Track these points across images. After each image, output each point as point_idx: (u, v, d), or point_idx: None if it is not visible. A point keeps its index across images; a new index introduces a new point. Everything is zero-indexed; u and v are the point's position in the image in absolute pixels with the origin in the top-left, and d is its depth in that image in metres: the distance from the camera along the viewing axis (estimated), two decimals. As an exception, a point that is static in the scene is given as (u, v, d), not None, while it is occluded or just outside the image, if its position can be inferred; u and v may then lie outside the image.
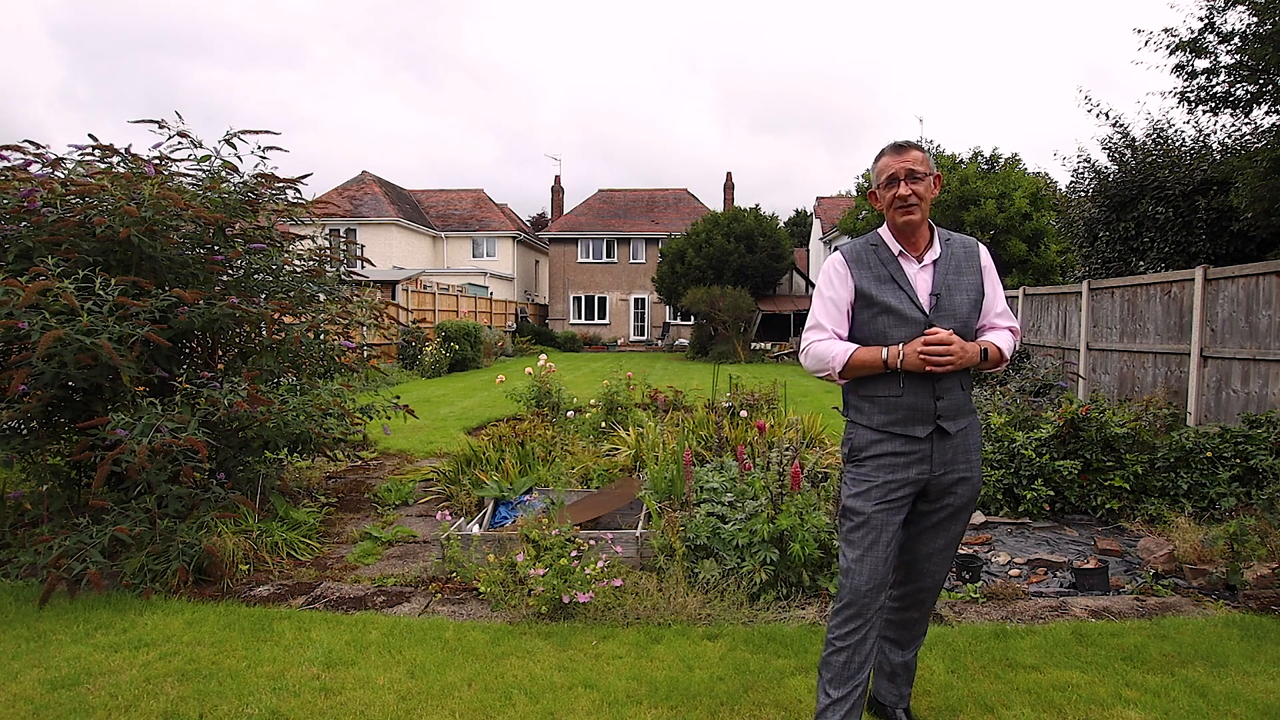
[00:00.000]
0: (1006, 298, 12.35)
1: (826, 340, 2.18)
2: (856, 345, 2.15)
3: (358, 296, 5.91)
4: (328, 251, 5.71)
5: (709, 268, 24.05)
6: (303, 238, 5.37)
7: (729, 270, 24.03)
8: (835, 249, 2.27)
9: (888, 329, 2.12)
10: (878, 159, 2.18)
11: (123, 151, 4.62)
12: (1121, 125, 11.21)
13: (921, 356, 2.02)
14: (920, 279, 2.15)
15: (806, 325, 2.25)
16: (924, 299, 2.13)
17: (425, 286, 19.24)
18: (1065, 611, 3.36)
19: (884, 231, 2.20)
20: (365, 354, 5.87)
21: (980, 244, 2.25)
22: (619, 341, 31.42)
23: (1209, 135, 10.47)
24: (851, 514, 2.18)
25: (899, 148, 2.15)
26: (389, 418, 5.30)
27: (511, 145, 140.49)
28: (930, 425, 2.11)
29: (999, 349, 2.16)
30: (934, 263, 2.16)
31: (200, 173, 4.84)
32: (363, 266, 6.35)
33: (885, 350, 2.09)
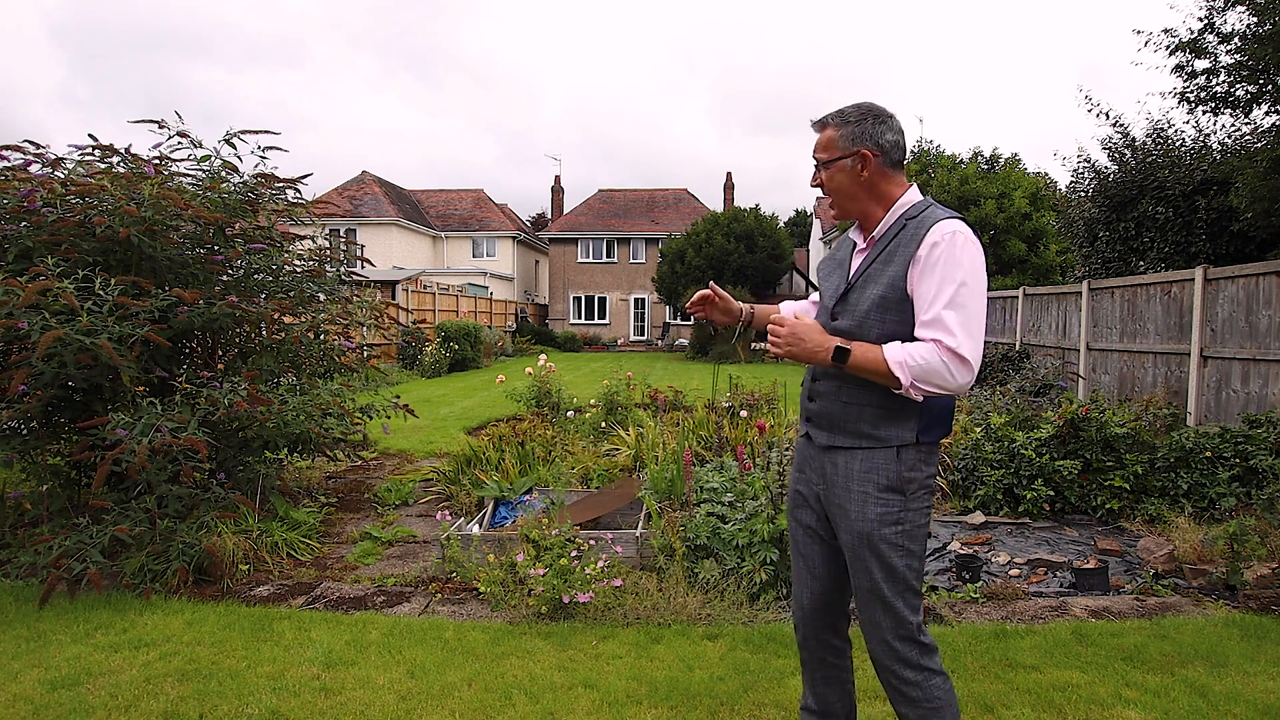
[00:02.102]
0: (1006, 298, 12.07)
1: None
2: (771, 306, 2.05)
3: (358, 296, 5.91)
4: (328, 251, 5.71)
5: (709, 268, 24.07)
6: (303, 238, 5.37)
7: (729, 270, 24.05)
8: None
9: (817, 318, 1.91)
10: None
11: (123, 151, 4.62)
12: (1121, 125, 11.22)
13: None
14: (855, 263, 1.84)
15: None
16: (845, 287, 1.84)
17: (425, 286, 19.24)
18: (1065, 611, 3.36)
19: None
20: (365, 354, 5.87)
21: (941, 226, 1.66)
22: (619, 341, 31.42)
23: (1209, 135, 10.48)
24: None
25: (814, 129, 1.82)
26: (389, 418, 5.30)
27: (511, 145, 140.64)
28: (804, 426, 1.91)
29: (883, 360, 1.62)
30: (869, 246, 1.82)
31: (200, 173, 4.84)
32: (363, 266, 6.35)
33: (751, 307, 2.05)
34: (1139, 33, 9.44)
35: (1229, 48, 8.70)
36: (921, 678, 1.74)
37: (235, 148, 4.90)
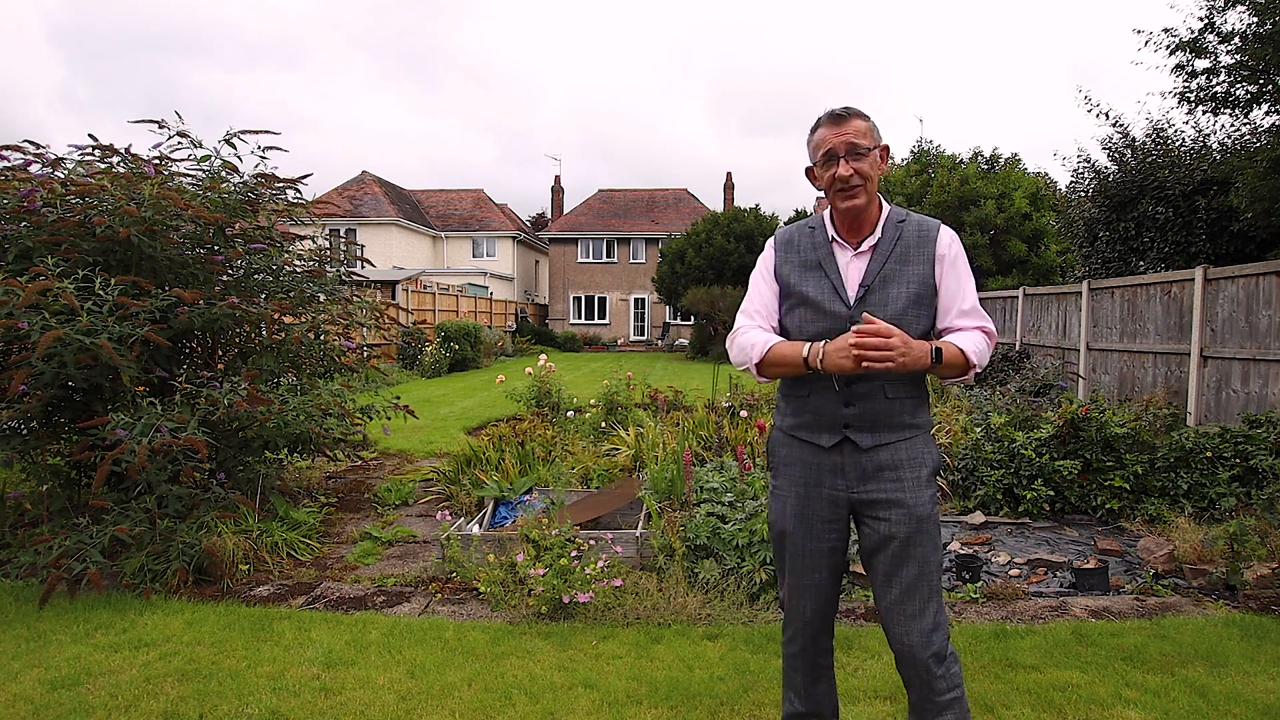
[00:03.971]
0: (1007, 298, 12.07)
1: (753, 329, 1.89)
2: (779, 338, 1.85)
3: (358, 297, 5.92)
4: (328, 251, 5.71)
5: (709, 268, 24.05)
6: (303, 238, 5.37)
7: (729, 270, 24.03)
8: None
9: (804, 323, 1.85)
10: (813, 130, 1.86)
11: (123, 151, 4.62)
12: (1121, 125, 11.22)
13: (855, 353, 1.64)
14: (853, 267, 1.84)
15: (739, 310, 1.96)
16: (851, 290, 1.82)
17: (425, 286, 19.25)
18: (1065, 611, 3.36)
19: (828, 213, 1.92)
20: (365, 354, 5.87)
21: (945, 228, 1.86)
22: (619, 341, 31.42)
23: (1209, 135, 10.49)
24: (771, 530, 1.97)
25: (837, 117, 1.82)
26: (389, 418, 5.31)
27: (511, 145, 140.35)
28: (837, 435, 1.83)
29: (960, 351, 1.75)
30: (872, 248, 1.83)
31: (200, 173, 4.84)
32: (363, 267, 6.35)
33: (808, 346, 1.75)
34: (1139, 32, 9.44)
35: (1229, 48, 8.70)
36: (943, 669, 1.80)
37: (235, 148, 4.91)
